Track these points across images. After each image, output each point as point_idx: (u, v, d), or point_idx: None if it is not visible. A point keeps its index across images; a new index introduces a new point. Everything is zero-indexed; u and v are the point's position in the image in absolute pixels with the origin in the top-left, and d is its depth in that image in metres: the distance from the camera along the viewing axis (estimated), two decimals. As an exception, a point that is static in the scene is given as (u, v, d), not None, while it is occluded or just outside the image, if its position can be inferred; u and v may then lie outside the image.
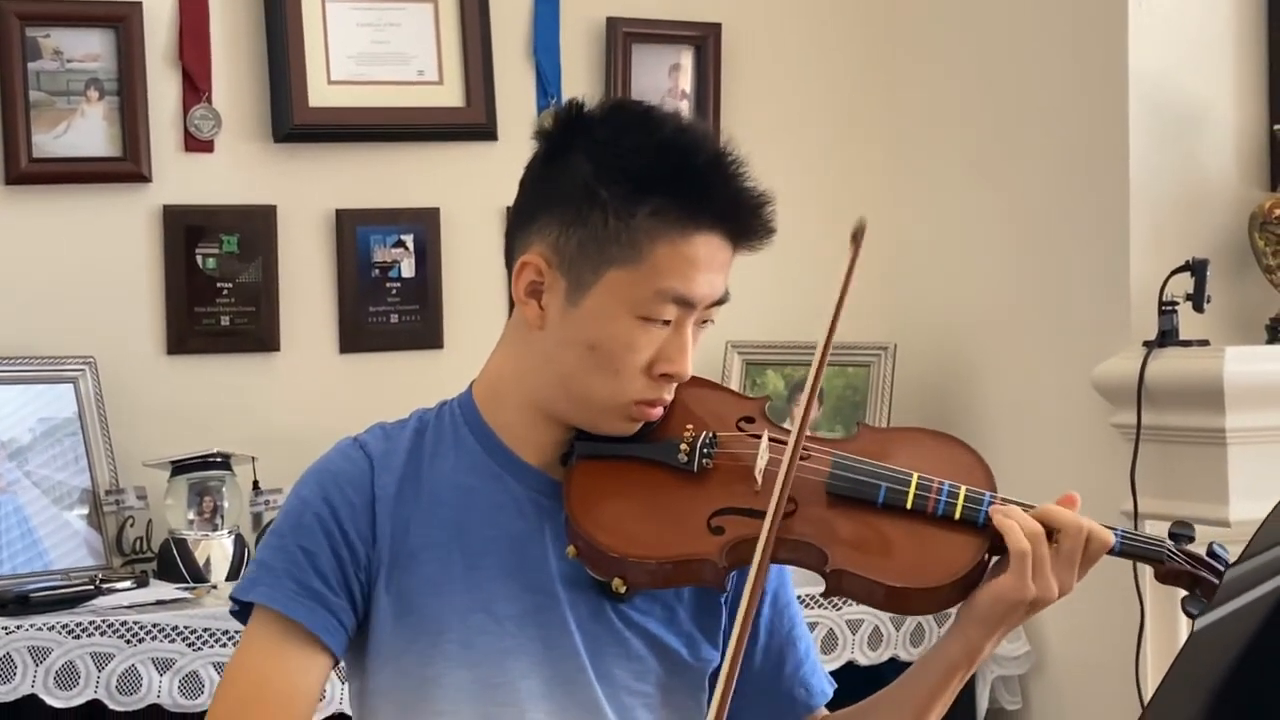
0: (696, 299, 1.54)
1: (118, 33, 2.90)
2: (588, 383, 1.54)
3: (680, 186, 1.51)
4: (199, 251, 2.97)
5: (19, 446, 2.77)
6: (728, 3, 3.35)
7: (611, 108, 1.59)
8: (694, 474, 1.57)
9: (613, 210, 1.51)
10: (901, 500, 1.56)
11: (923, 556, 1.54)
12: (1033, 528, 1.53)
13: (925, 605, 1.58)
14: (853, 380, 3.22)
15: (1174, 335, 2.76)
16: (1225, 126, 2.93)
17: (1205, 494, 2.70)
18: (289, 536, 1.55)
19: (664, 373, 1.55)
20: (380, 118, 3.08)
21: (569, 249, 1.53)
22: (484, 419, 1.61)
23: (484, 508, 1.58)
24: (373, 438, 1.62)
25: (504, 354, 1.63)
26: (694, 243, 1.52)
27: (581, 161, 1.54)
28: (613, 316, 1.52)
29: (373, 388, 3.08)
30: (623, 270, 1.52)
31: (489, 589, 1.55)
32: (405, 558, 1.55)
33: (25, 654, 2.46)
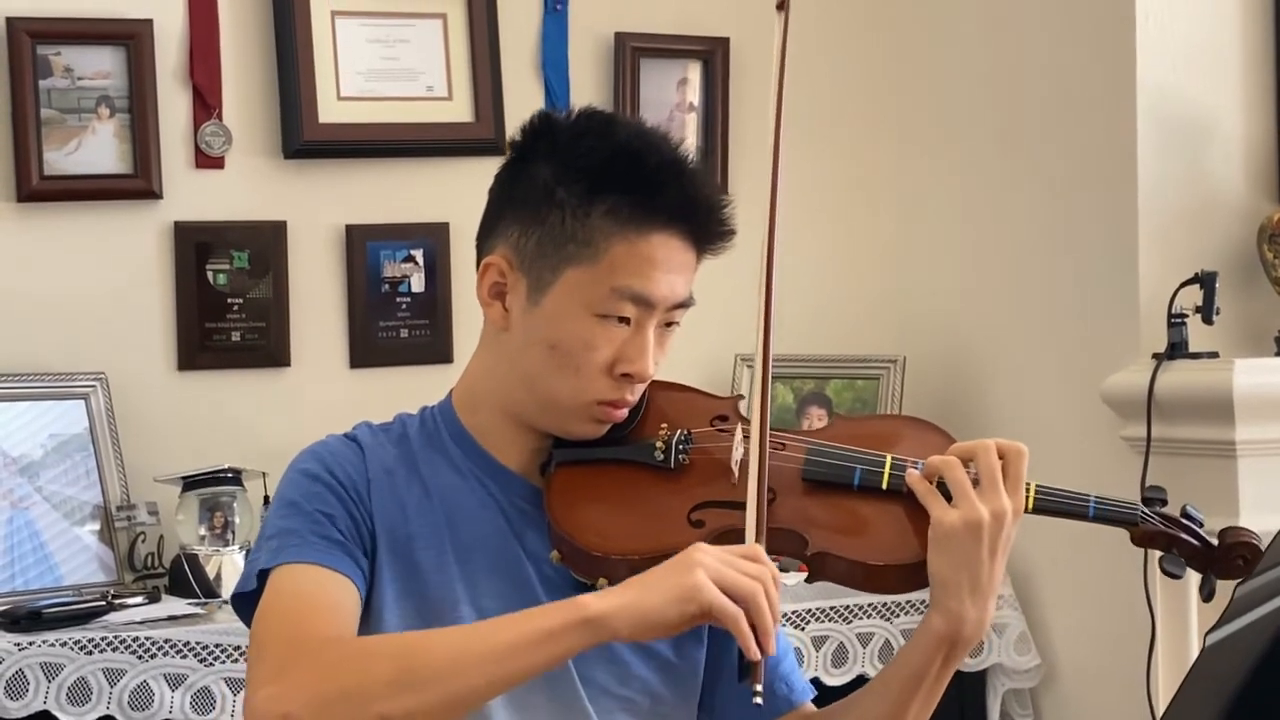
0: (655, 299, 1.56)
1: (128, 50, 2.91)
2: (550, 383, 1.56)
3: (635, 185, 1.55)
4: (209, 267, 2.98)
5: (30, 462, 2.78)
6: (735, 17, 3.36)
7: (577, 115, 1.62)
8: (671, 470, 1.59)
9: (570, 209, 1.54)
10: (877, 481, 1.58)
11: (900, 534, 1.55)
12: (933, 463, 1.55)
13: (906, 582, 1.57)
14: (862, 393, 3.23)
15: (1183, 348, 2.76)
16: (1234, 138, 2.93)
17: (1215, 506, 2.68)
18: (303, 501, 1.56)
19: (624, 372, 1.56)
20: (390, 133, 3.09)
21: (529, 249, 1.56)
22: (462, 424, 1.63)
23: (469, 506, 1.60)
24: (360, 432, 1.64)
25: (478, 359, 1.65)
26: (651, 242, 1.54)
27: (542, 165, 1.57)
28: (572, 315, 1.55)
29: (383, 402, 3.04)
30: (580, 269, 1.54)
31: (477, 584, 1.57)
32: (400, 542, 1.57)
33: (38, 670, 2.46)
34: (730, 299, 3.27)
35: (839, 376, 3.24)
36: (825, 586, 1.60)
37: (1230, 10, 2.93)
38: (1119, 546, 2.81)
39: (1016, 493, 1.56)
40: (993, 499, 1.53)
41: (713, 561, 1.41)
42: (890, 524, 1.56)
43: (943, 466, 1.54)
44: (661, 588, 1.40)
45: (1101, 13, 2.93)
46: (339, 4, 3.07)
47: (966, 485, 1.53)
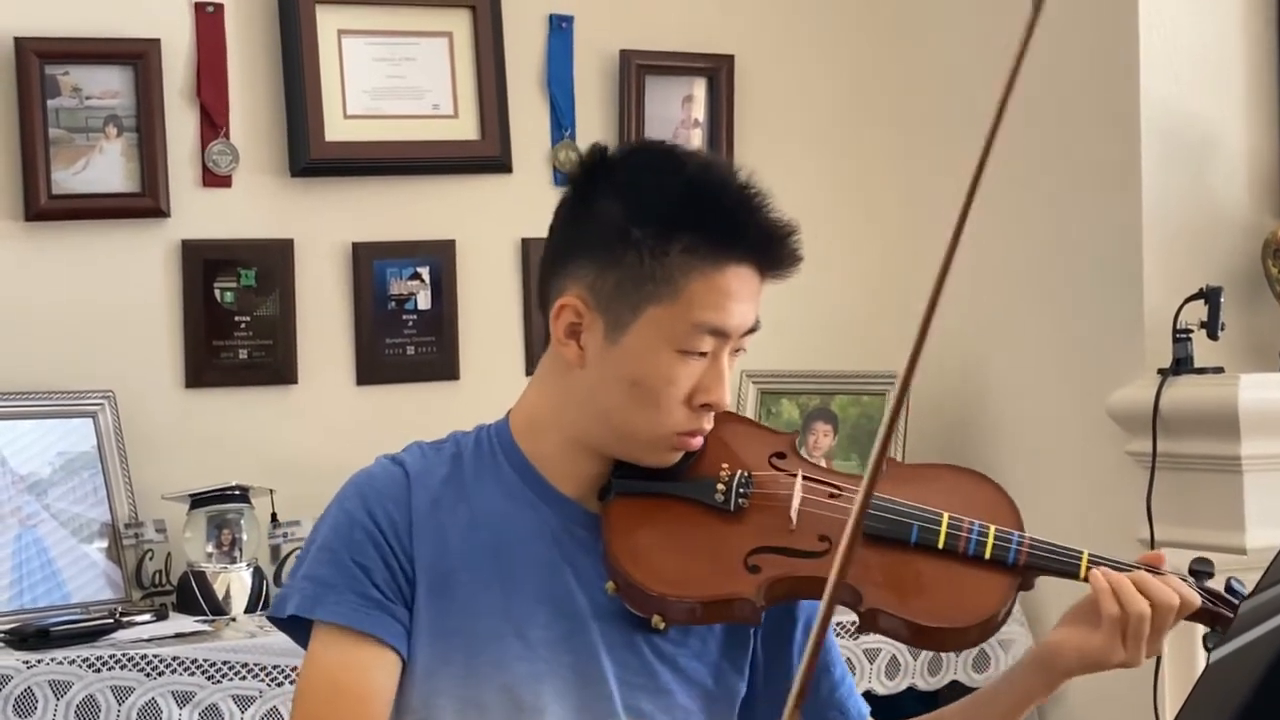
0: (731, 329, 1.58)
1: (136, 70, 2.93)
2: (630, 417, 1.58)
3: (710, 222, 1.56)
4: (217, 285, 2.99)
5: (39, 480, 2.78)
6: (739, 34, 3.37)
7: (633, 149, 1.65)
8: (730, 513, 1.60)
9: (646, 249, 1.55)
10: (934, 540, 1.58)
11: (954, 596, 1.57)
12: (1137, 606, 1.56)
13: (956, 643, 1.60)
14: (867, 409, 3.23)
15: (1188, 363, 2.76)
16: (1238, 153, 2.93)
17: (1221, 521, 2.70)
18: (342, 551, 1.58)
19: (703, 403, 1.58)
20: (396, 151, 3.10)
21: (606, 289, 1.57)
22: (520, 449, 1.64)
23: (520, 534, 1.60)
24: (411, 457, 1.64)
25: (542, 389, 1.65)
26: (726, 275, 1.56)
27: (611, 204, 1.58)
28: (653, 352, 1.56)
29: (390, 419, 3.09)
30: (660, 307, 1.56)
31: (523, 613, 1.58)
32: (442, 577, 1.58)
33: (46, 688, 2.47)
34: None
35: (844, 392, 3.24)
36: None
37: (1233, 25, 2.94)
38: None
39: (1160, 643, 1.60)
40: (1154, 648, 1.58)
41: None
42: (944, 585, 1.58)
43: (1135, 612, 1.55)
44: None
45: (1105, 28, 2.94)
46: (345, 23, 3.08)
47: (1144, 637, 1.56)
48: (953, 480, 1.70)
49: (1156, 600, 1.56)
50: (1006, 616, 1.58)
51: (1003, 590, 1.57)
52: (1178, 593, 1.57)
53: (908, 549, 1.58)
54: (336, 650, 1.56)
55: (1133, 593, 1.55)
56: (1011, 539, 1.59)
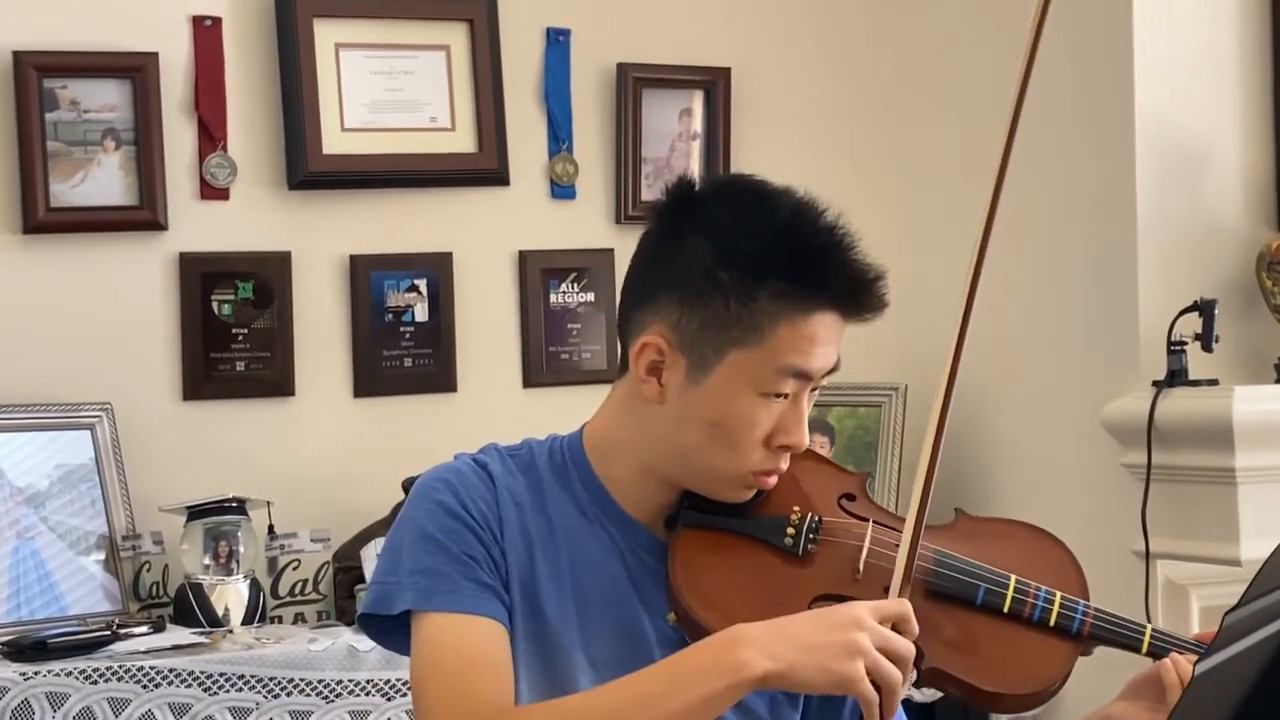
0: (814, 372, 1.57)
1: (134, 83, 2.94)
2: (708, 457, 1.57)
3: (799, 269, 1.55)
4: (214, 298, 3.00)
5: (36, 492, 2.79)
6: (736, 47, 3.38)
7: (724, 185, 1.64)
8: (798, 557, 1.59)
9: (733, 293, 1.54)
10: (999, 603, 1.58)
11: (1016, 661, 1.56)
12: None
13: (1015, 707, 1.59)
14: (864, 421, 3.24)
15: (1183, 375, 2.77)
16: (1232, 167, 2.94)
17: (1216, 533, 2.70)
18: (445, 540, 1.57)
19: (782, 444, 1.58)
20: (393, 164, 3.11)
21: (690, 330, 1.56)
22: (593, 468, 1.63)
23: (593, 550, 1.61)
24: (490, 458, 1.64)
25: (618, 417, 1.64)
26: (812, 321, 1.55)
27: (700, 243, 1.56)
28: (736, 394, 1.55)
29: (387, 431, 3.10)
30: (745, 350, 1.54)
31: (592, 630, 1.58)
32: (528, 580, 1.58)
33: (43, 700, 2.47)
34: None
35: (841, 404, 3.25)
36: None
37: (1227, 40, 2.95)
38: (1122, 576, 2.82)
39: None
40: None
41: (872, 649, 1.44)
42: (1006, 649, 1.57)
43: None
44: (819, 663, 1.44)
45: (1099, 43, 2.95)
46: (343, 36, 3.09)
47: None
48: (1023, 539, 1.69)
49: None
50: (1064, 682, 1.58)
51: (1064, 658, 1.57)
52: None
53: (972, 609, 1.58)
54: (456, 632, 1.54)
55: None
56: (1077, 609, 1.59)
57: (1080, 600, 1.60)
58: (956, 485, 3.23)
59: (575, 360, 3.22)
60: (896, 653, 1.45)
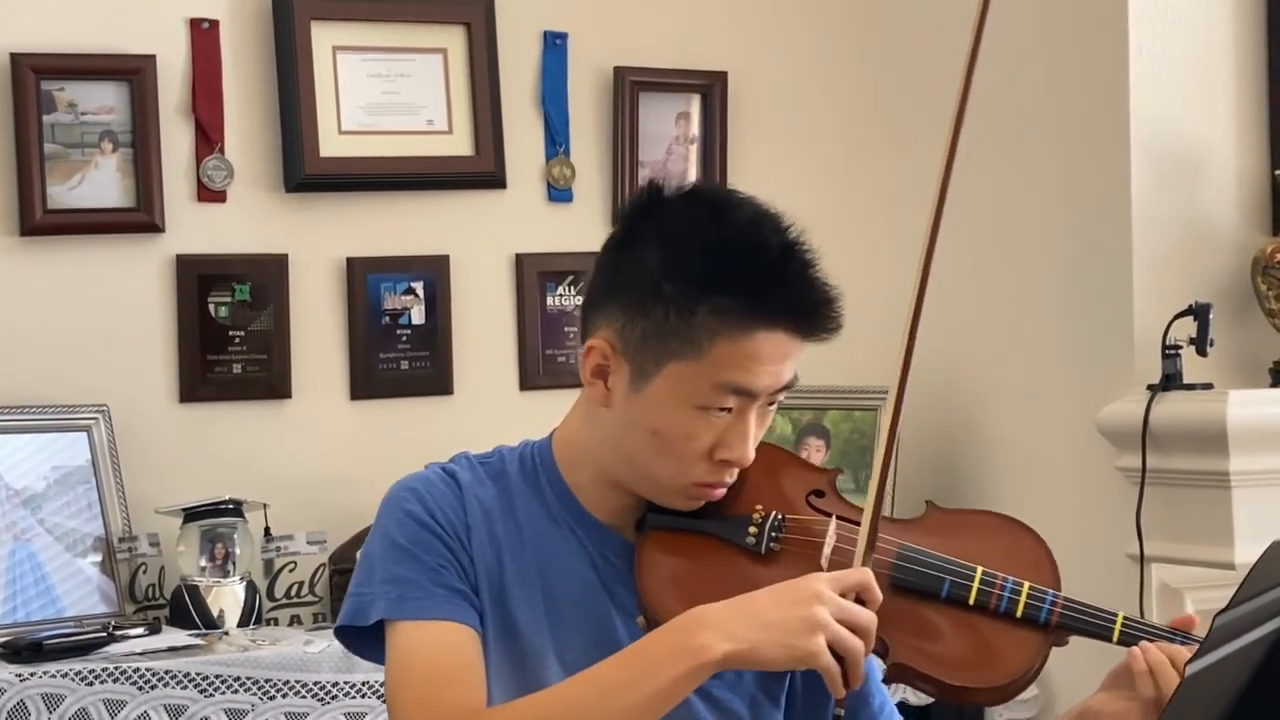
0: (757, 391, 1.55)
1: (131, 86, 2.94)
2: (651, 464, 1.58)
3: (742, 287, 1.53)
4: (211, 300, 3.00)
5: (33, 494, 2.79)
6: (733, 51, 3.39)
7: (686, 195, 1.60)
8: (761, 555, 1.59)
9: (674, 306, 1.53)
10: (965, 595, 1.57)
11: (983, 654, 1.55)
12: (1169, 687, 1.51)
13: (985, 700, 1.59)
14: (859, 424, 3.24)
15: (1178, 379, 2.78)
16: (1227, 171, 2.95)
17: (1210, 537, 2.71)
18: (415, 549, 1.58)
19: (724, 459, 1.57)
20: (390, 167, 3.11)
21: (633, 338, 1.55)
22: (561, 474, 1.64)
23: (563, 556, 1.61)
24: (459, 467, 1.65)
25: (580, 422, 1.65)
26: (755, 340, 1.53)
27: (651, 252, 1.56)
28: (673, 406, 1.55)
29: (383, 434, 3.10)
30: (683, 363, 1.54)
31: (564, 634, 1.59)
32: (497, 587, 1.59)
33: (39, 701, 2.47)
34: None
35: (837, 407, 3.25)
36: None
37: (1223, 44, 2.96)
38: (1117, 580, 2.82)
39: None
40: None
41: (832, 621, 1.44)
42: (974, 642, 1.56)
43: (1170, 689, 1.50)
44: (780, 640, 1.44)
45: (1095, 48, 2.95)
46: (340, 39, 3.10)
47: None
48: (993, 530, 1.67)
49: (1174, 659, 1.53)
50: (1037, 674, 1.57)
51: (1032, 650, 1.55)
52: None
53: (938, 602, 1.57)
54: (426, 639, 1.55)
55: (1172, 676, 1.51)
56: (1045, 599, 1.57)
57: (1049, 590, 1.57)
58: (951, 488, 3.23)
59: (572, 363, 3.22)
60: (857, 623, 1.45)
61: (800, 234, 1.59)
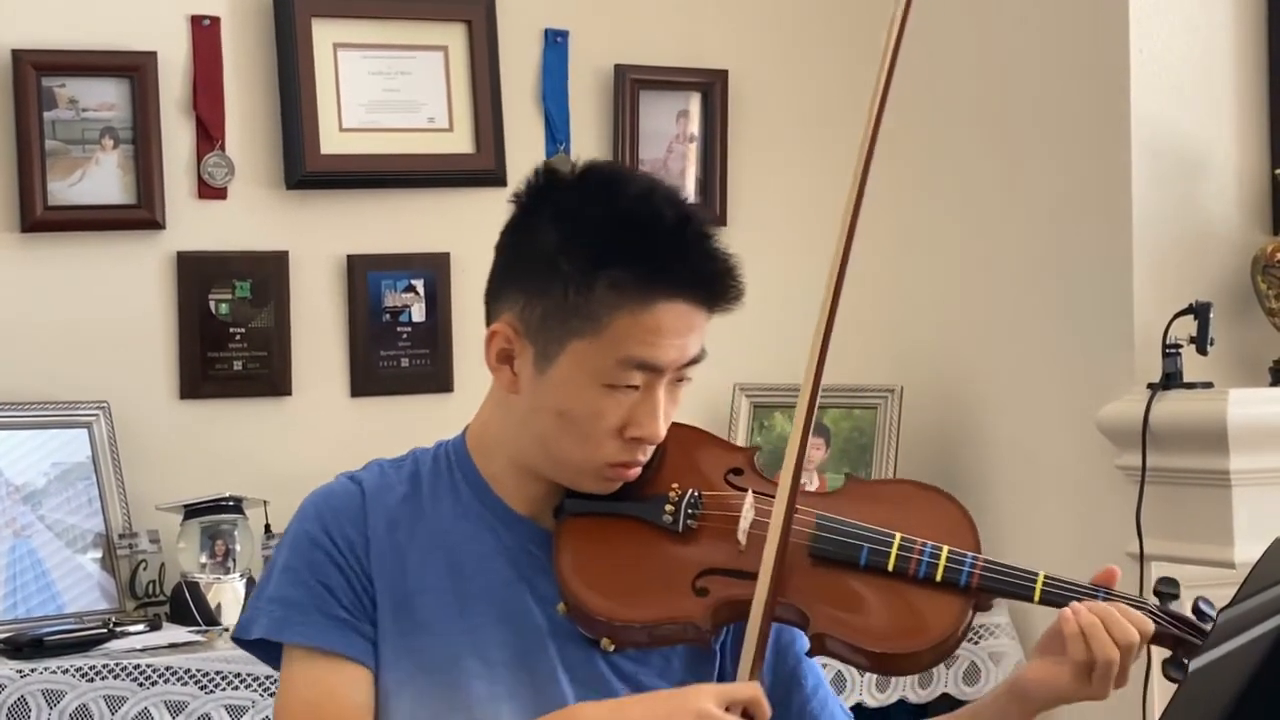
0: (663, 365, 1.54)
1: (132, 82, 2.94)
2: (561, 446, 1.57)
3: (637, 259, 1.52)
4: (212, 297, 3.01)
5: (33, 490, 2.79)
6: (734, 50, 3.39)
7: (580, 173, 1.60)
8: (679, 534, 1.58)
9: (572, 283, 1.52)
10: (883, 562, 1.55)
11: (905, 620, 1.54)
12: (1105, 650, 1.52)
13: (908, 668, 1.58)
14: (859, 423, 3.24)
15: (1178, 378, 2.78)
16: (1227, 170, 2.95)
17: (1210, 535, 2.71)
18: (305, 571, 1.57)
19: (634, 436, 1.56)
20: (391, 164, 3.11)
21: (533, 319, 1.55)
22: (476, 467, 1.63)
23: (477, 554, 1.60)
24: (369, 474, 1.64)
25: (491, 409, 1.65)
26: (655, 312, 1.53)
27: (548, 231, 1.56)
28: (579, 385, 1.54)
29: (384, 431, 3.09)
30: (584, 341, 1.53)
31: (482, 633, 1.57)
32: (403, 597, 1.57)
33: (39, 697, 2.48)
34: (730, 329, 3.29)
35: (837, 406, 3.25)
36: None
37: (1223, 44, 2.96)
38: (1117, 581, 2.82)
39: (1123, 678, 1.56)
40: (1121, 682, 1.55)
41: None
42: (894, 608, 1.55)
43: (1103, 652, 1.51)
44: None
45: (1096, 47, 2.96)
46: (341, 36, 3.10)
47: (1112, 676, 1.53)
48: (912, 497, 1.67)
49: (1120, 641, 1.52)
50: (961, 638, 1.56)
51: (954, 614, 1.54)
52: (1138, 629, 1.53)
53: (858, 571, 1.56)
54: (311, 673, 1.55)
55: (1104, 639, 1.52)
56: (965, 561, 1.55)
57: (969, 553, 1.56)
58: (951, 486, 3.21)
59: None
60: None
61: (694, 205, 1.60)
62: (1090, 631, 1.52)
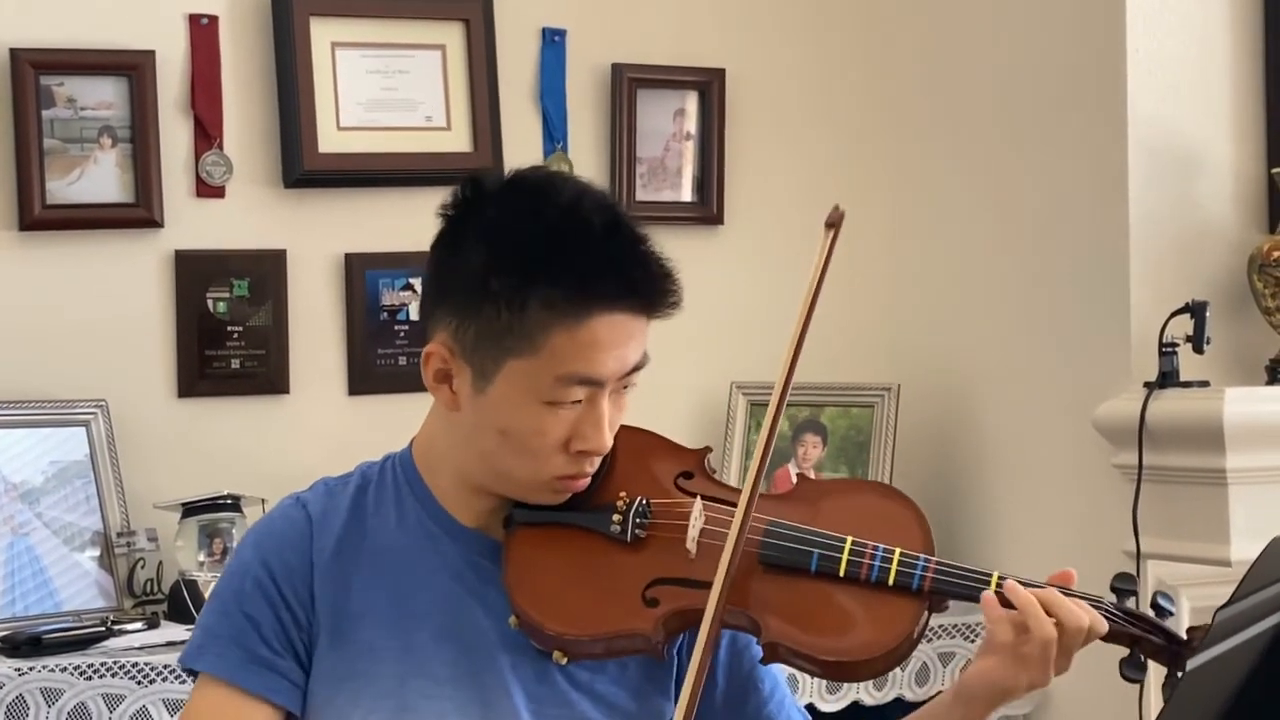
0: (603, 378, 1.51)
1: (130, 81, 2.94)
2: (506, 463, 1.54)
3: (569, 273, 1.48)
4: (210, 295, 3.01)
5: (31, 489, 2.79)
6: (731, 48, 3.39)
7: (506, 184, 1.56)
8: (628, 543, 1.55)
9: (504, 302, 1.49)
10: (834, 568, 1.53)
11: (857, 626, 1.52)
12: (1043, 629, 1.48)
13: (863, 674, 1.56)
14: (856, 421, 3.25)
15: (1174, 376, 2.78)
16: (1224, 169, 2.96)
17: (1206, 534, 2.72)
18: (231, 602, 1.56)
19: (580, 450, 1.53)
20: (389, 163, 3.11)
21: (467, 339, 1.51)
22: (423, 481, 1.61)
23: (423, 570, 1.57)
24: (315, 496, 1.62)
25: (435, 426, 1.62)
26: (591, 326, 1.49)
27: (476, 248, 1.51)
28: (518, 404, 1.51)
29: (381, 429, 3.07)
30: (521, 360, 1.50)
31: (427, 652, 1.55)
32: (345, 621, 1.56)
33: (38, 695, 2.48)
34: (727, 327, 3.30)
35: (834, 404, 3.26)
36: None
37: (1219, 43, 2.96)
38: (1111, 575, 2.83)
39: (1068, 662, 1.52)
40: (1062, 666, 1.51)
41: None
42: (846, 614, 1.53)
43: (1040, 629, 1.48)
44: None
45: (1092, 47, 2.96)
46: (339, 35, 3.10)
47: (1051, 658, 1.49)
48: (864, 498, 1.66)
49: (1065, 621, 1.49)
50: (916, 642, 1.53)
51: (907, 618, 1.52)
52: (1086, 614, 1.50)
53: (808, 577, 1.53)
54: (213, 703, 1.53)
55: (1041, 617, 1.48)
56: (916, 564, 1.52)
57: (920, 555, 1.53)
58: (947, 486, 3.24)
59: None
60: None
61: (623, 211, 1.55)
62: (1027, 610, 1.48)
